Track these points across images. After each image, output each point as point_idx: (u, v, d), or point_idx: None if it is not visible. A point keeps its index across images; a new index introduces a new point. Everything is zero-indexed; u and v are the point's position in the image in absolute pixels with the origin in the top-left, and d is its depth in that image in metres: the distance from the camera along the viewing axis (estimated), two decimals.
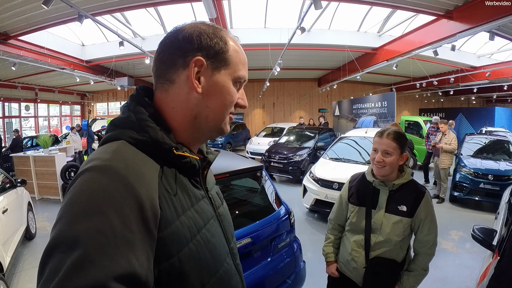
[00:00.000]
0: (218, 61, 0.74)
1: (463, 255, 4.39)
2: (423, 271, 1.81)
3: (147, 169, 0.64)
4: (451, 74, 12.60)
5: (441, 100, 21.96)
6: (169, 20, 9.53)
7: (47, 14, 6.88)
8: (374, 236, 1.79)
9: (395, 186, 1.79)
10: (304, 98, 19.92)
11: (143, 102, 0.74)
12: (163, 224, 0.62)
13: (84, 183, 0.56)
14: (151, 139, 0.68)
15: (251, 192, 3.16)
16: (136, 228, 0.55)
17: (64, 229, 0.51)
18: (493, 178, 6.18)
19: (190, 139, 0.78)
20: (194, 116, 0.75)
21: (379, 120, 11.16)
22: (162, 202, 0.63)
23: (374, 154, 1.82)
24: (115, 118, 0.74)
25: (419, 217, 1.75)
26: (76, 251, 0.48)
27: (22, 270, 4.01)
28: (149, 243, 0.57)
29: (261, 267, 2.47)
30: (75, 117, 20.70)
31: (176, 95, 0.74)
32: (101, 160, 0.60)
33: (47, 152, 7.30)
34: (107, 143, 0.67)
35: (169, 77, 0.74)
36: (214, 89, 0.75)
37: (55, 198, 7.21)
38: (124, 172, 0.59)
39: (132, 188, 0.57)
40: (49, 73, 11.86)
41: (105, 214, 0.52)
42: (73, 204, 0.54)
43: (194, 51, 0.72)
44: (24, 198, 4.91)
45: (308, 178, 6.02)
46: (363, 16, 9.65)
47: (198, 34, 0.73)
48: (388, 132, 1.80)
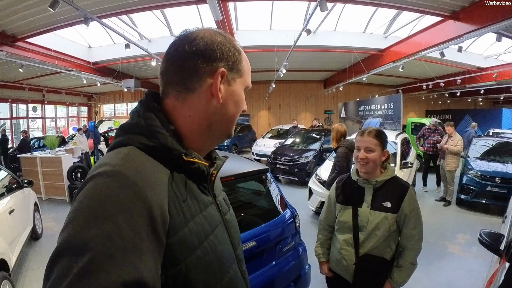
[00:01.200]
0: (234, 72, 0.77)
1: (469, 259, 4.33)
2: (412, 265, 1.85)
3: (157, 175, 0.64)
4: (458, 76, 12.48)
5: (448, 102, 21.74)
6: (175, 22, 9.57)
7: (53, 17, 6.96)
8: (362, 233, 1.85)
9: (379, 183, 1.86)
10: (310, 100, 19.87)
11: (152, 107, 0.73)
12: (171, 230, 0.61)
13: (93, 189, 0.56)
14: (161, 145, 0.68)
15: (256, 195, 3.15)
16: (145, 234, 0.55)
17: (72, 234, 0.51)
18: (501, 180, 6.08)
19: (201, 145, 0.79)
20: (210, 124, 0.77)
21: (385, 122, 11.08)
22: (172, 208, 0.63)
23: (357, 153, 1.89)
24: (125, 124, 0.74)
25: (404, 212, 1.81)
26: (84, 257, 0.48)
27: (28, 270, 4.05)
28: (157, 249, 0.57)
29: (266, 270, 2.46)
30: (82, 118, 20.84)
31: (194, 103, 0.75)
32: (110, 166, 0.60)
33: (54, 153, 7.37)
34: (117, 149, 0.67)
35: (188, 86, 0.74)
36: (231, 98, 0.77)
37: (62, 198, 7.26)
38: (134, 178, 0.58)
39: (142, 194, 0.57)
40: (56, 74, 11.93)
41: (114, 220, 0.52)
42: (82, 209, 0.54)
43: (217, 61, 0.74)
44: (31, 199, 4.95)
45: (314, 181, 6.00)
46: (369, 18, 9.61)
47: (218, 43, 0.74)
48: (369, 130, 1.90)
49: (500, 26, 5.69)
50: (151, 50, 8.96)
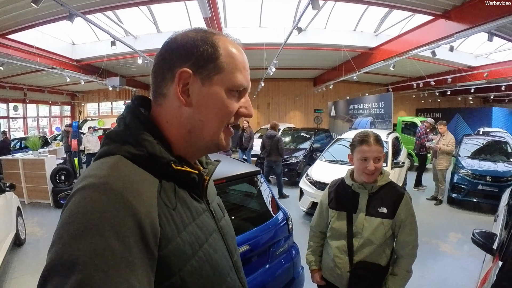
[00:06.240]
0: (207, 70, 0.70)
1: (462, 258, 4.38)
2: (407, 273, 1.81)
3: (145, 185, 0.62)
4: (449, 74, 12.62)
5: (438, 100, 22.02)
6: (162, 19, 9.39)
7: (36, 12, 6.69)
8: (357, 240, 1.80)
9: (375, 188, 1.81)
10: (300, 98, 19.85)
11: (139, 114, 0.71)
12: (163, 242, 0.59)
13: (80, 202, 0.54)
14: (149, 153, 0.65)
15: (248, 197, 3.14)
16: (136, 248, 0.53)
17: (61, 251, 0.49)
18: (491, 179, 6.16)
19: (188, 153, 0.75)
20: (188, 130, 0.72)
21: (375, 121, 11.14)
22: (162, 219, 0.61)
23: (363, 164, 1.77)
24: (111, 131, 0.71)
25: (399, 218, 1.76)
26: (75, 275, 0.46)
27: (12, 278, 3.89)
28: (149, 263, 0.55)
29: (259, 274, 2.45)
30: (65, 118, 20.42)
31: (168, 109, 0.72)
32: (97, 177, 0.58)
33: (37, 155, 7.12)
34: (103, 158, 0.65)
35: (161, 91, 0.72)
36: (206, 101, 0.71)
37: (45, 202, 7.04)
38: (121, 190, 0.56)
39: (130, 207, 0.55)
40: (39, 72, 11.67)
41: (104, 235, 0.50)
42: (69, 224, 0.52)
43: (180, 62, 0.69)
44: (13, 203, 4.76)
45: (305, 181, 5.95)
46: (360, 16, 9.60)
47: (185, 43, 0.70)
48: (372, 137, 1.80)
49: (491, 26, 5.72)
50: (137, 48, 8.77)
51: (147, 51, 9.50)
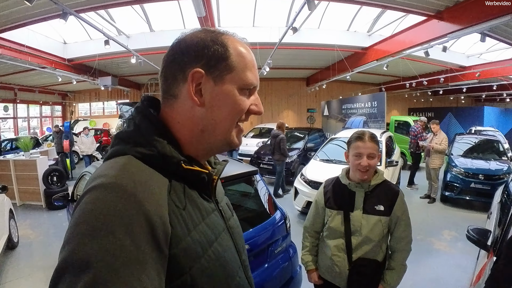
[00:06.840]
0: (219, 70, 0.71)
1: (456, 255, 4.44)
2: (403, 266, 1.87)
3: (155, 184, 0.62)
4: (441, 74, 12.71)
5: (430, 100, 22.21)
6: (156, 18, 9.30)
7: (29, 11, 6.56)
8: (355, 238, 1.83)
9: (371, 187, 1.85)
10: (292, 98, 19.85)
11: (149, 114, 0.72)
12: (174, 241, 0.60)
13: (91, 202, 0.55)
14: (159, 153, 0.66)
15: (245, 197, 3.15)
16: (147, 247, 0.54)
17: (73, 251, 0.50)
18: (484, 177, 6.25)
19: (199, 152, 0.76)
20: (201, 130, 0.73)
21: (369, 120, 11.20)
22: (172, 218, 0.62)
23: (357, 160, 1.82)
24: (121, 132, 0.72)
25: (396, 214, 1.83)
26: (87, 274, 0.47)
27: (6, 282, 3.80)
28: (160, 262, 0.56)
29: (258, 273, 2.46)
30: (56, 118, 20.09)
31: (180, 110, 0.73)
32: (107, 177, 0.58)
33: (28, 156, 6.99)
34: (113, 158, 0.66)
35: (172, 92, 0.73)
36: (219, 100, 0.72)
37: (38, 204, 6.91)
38: (132, 190, 0.57)
39: (141, 206, 0.56)
40: (29, 72, 11.48)
41: (115, 234, 0.51)
42: (81, 224, 0.52)
43: (192, 63, 0.70)
44: (5, 206, 4.67)
45: (300, 180, 5.97)
46: (353, 16, 9.63)
47: (195, 44, 0.71)
48: (367, 135, 1.85)
49: (484, 26, 5.78)
50: (130, 47, 8.66)
51: (140, 50, 9.41)
